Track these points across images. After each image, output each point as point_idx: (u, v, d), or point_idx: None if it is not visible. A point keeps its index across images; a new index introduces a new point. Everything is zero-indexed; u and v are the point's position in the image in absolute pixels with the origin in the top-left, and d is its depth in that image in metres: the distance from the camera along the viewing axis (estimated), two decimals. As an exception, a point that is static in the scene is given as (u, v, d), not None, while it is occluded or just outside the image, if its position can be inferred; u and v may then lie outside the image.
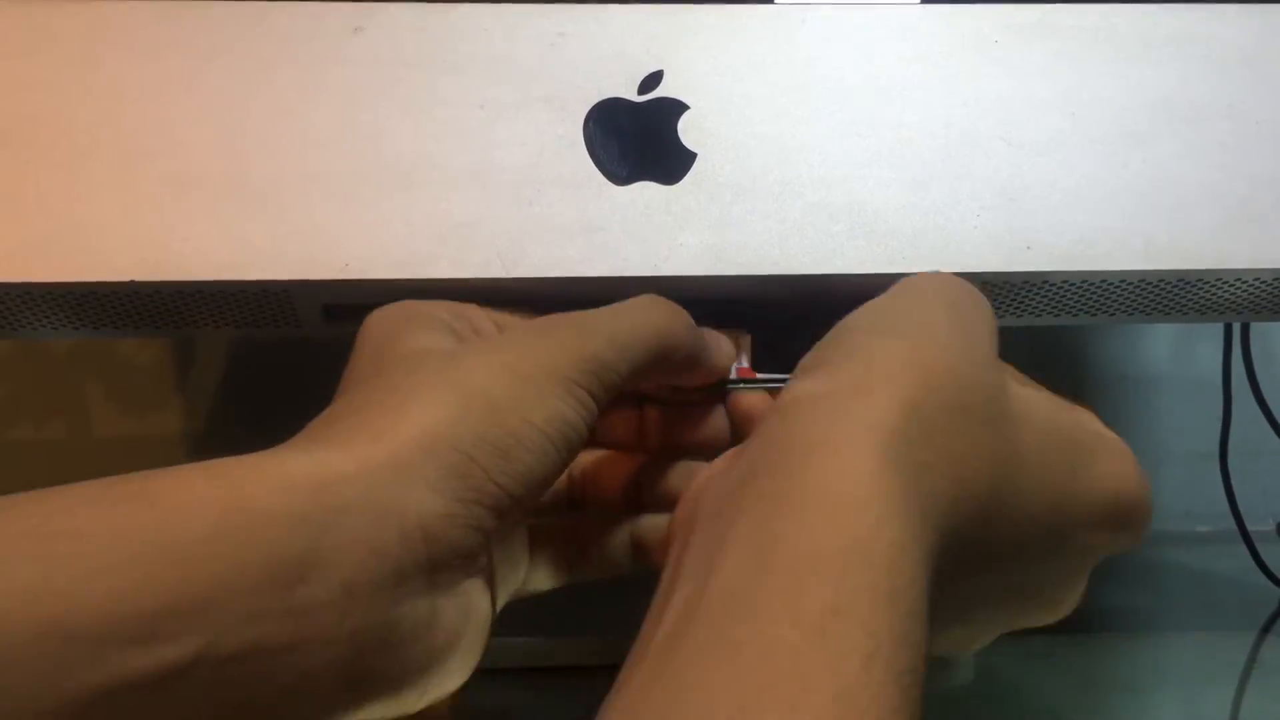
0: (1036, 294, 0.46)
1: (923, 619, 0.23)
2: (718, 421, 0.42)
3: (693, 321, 0.40)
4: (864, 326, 0.32)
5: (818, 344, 0.32)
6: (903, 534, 0.24)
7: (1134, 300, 0.47)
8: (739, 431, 0.42)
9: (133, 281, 0.42)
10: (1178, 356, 0.91)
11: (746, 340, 0.44)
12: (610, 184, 0.44)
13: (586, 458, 0.42)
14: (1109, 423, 0.37)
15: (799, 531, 0.24)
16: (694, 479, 0.31)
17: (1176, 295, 0.47)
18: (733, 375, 0.43)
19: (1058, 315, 0.49)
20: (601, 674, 0.47)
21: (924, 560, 0.25)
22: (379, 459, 0.29)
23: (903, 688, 0.22)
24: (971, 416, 0.29)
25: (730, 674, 0.21)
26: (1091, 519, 0.33)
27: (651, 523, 0.40)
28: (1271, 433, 0.70)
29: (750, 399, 0.42)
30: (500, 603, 0.35)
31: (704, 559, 0.24)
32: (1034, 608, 0.36)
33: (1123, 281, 0.45)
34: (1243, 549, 0.70)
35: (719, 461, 0.31)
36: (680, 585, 0.24)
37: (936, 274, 0.37)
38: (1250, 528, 0.71)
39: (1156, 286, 0.46)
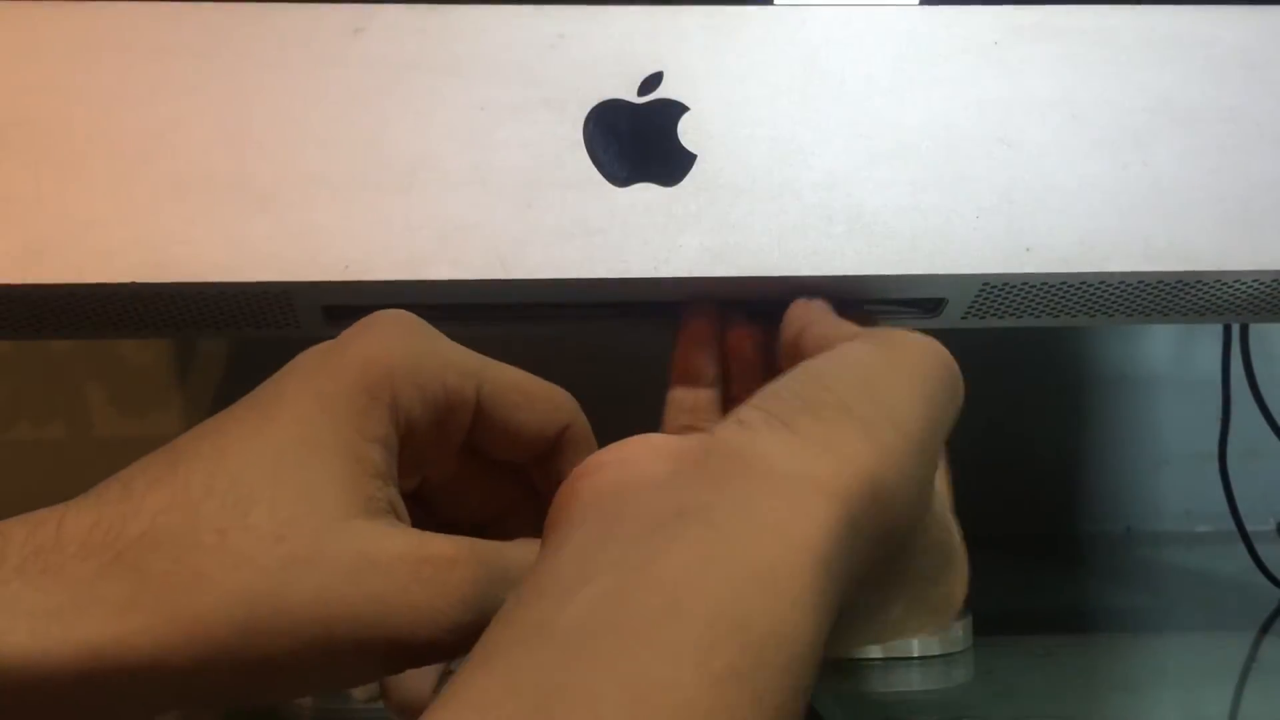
0: (1036, 295, 0.46)
1: (807, 696, 0.24)
2: None
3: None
4: (839, 396, 0.31)
5: (787, 383, 0.31)
6: (814, 634, 0.25)
7: (1133, 301, 0.47)
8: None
9: (133, 283, 0.42)
10: (1177, 357, 0.91)
11: None
12: (610, 185, 0.44)
13: None
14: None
15: (730, 599, 0.24)
16: (611, 457, 0.30)
17: (1176, 296, 0.47)
18: None
19: (1057, 316, 0.49)
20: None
21: (820, 651, 0.25)
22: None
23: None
24: (892, 540, 0.30)
25: (629, 692, 0.21)
26: (922, 610, 0.35)
27: None
28: (1270, 433, 0.70)
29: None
30: None
31: (627, 572, 0.24)
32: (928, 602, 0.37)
33: (1122, 283, 0.45)
34: (1242, 549, 0.70)
35: (641, 449, 0.29)
36: (596, 581, 0.24)
37: (929, 345, 0.36)
38: (1249, 528, 0.71)
39: (1156, 288, 0.46)
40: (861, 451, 0.29)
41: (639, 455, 0.29)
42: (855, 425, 0.30)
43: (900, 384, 0.32)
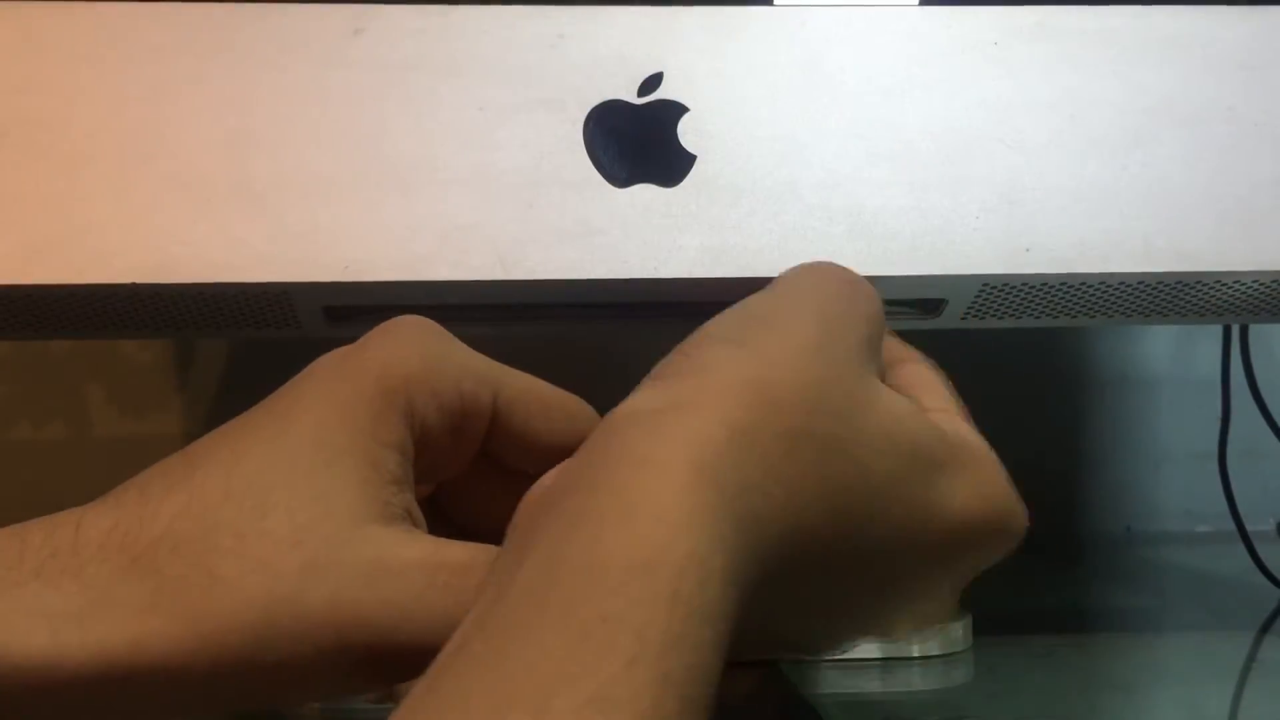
0: (1036, 296, 0.46)
1: (716, 625, 0.23)
2: None
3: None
4: (716, 335, 0.31)
5: (673, 350, 0.31)
6: (702, 546, 0.24)
7: (1133, 302, 0.47)
8: None
9: (133, 284, 0.42)
10: (1177, 357, 0.91)
11: None
12: (610, 186, 0.44)
13: None
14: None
15: (590, 545, 0.23)
16: (538, 482, 0.30)
17: (1175, 297, 0.47)
18: None
19: (1057, 317, 0.49)
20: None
21: (727, 568, 0.24)
22: None
23: (671, 686, 0.21)
24: (812, 442, 0.29)
25: (488, 683, 0.21)
26: (953, 537, 0.33)
27: None
28: (1270, 433, 0.70)
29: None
30: None
31: (503, 575, 0.24)
32: (899, 618, 0.35)
33: (1122, 283, 0.45)
34: (1242, 549, 0.70)
35: (548, 475, 0.29)
36: (482, 600, 0.24)
37: (816, 267, 0.35)
38: (1250, 528, 0.71)
39: (1155, 288, 0.46)
40: (732, 363, 0.29)
41: (556, 467, 0.29)
42: (725, 345, 0.30)
43: (780, 302, 0.33)
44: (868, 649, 0.50)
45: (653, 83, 0.45)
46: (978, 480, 0.33)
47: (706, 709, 0.22)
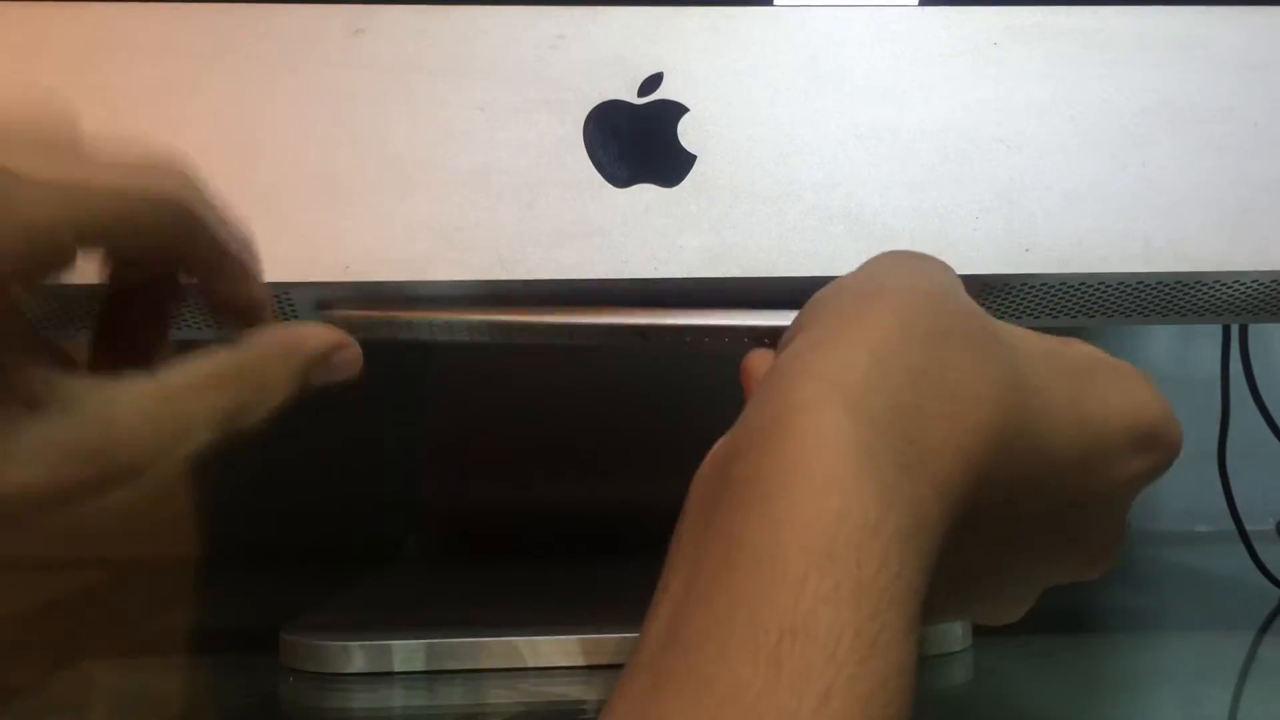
0: (1035, 295, 0.46)
1: (900, 602, 0.22)
2: None
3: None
4: (836, 286, 0.31)
5: (802, 308, 0.31)
6: (872, 510, 0.23)
7: (1132, 302, 0.47)
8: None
9: (134, 284, 0.42)
10: (1177, 356, 0.91)
11: None
12: (610, 186, 0.44)
13: None
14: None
15: (764, 528, 0.23)
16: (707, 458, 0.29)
17: (1174, 297, 0.47)
18: None
19: (1056, 316, 0.49)
20: (583, 674, 0.48)
21: (901, 528, 0.23)
22: None
23: (863, 707, 0.21)
24: (958, 341, 0.28)
25: (692, 715, 0.21)
26: (1118, 443, 0.31)
27: None
28: (1270, 433, 0.70)
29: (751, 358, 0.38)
30: None
31: (691, 556, 0.24)
32: (1077, 556, 0.34)
33: (1121, 283, 0.45)
34: (1242, 549, 0.70)
35: (722, 440, 0.28)
36: (671, 580, 0.24)
37: (905, 250, 0.35)
38: (1249, 527, 0.70)
39: (1154, 288, 0.46)
40: (861, 298, 0.29)
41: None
42: (848, 292, 0.30)
43: (883, 262, 0.33)
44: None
45: (653, 83, 0.45)
46: (1130, 390, 0.32)
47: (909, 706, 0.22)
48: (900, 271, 0.31)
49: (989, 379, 0.27)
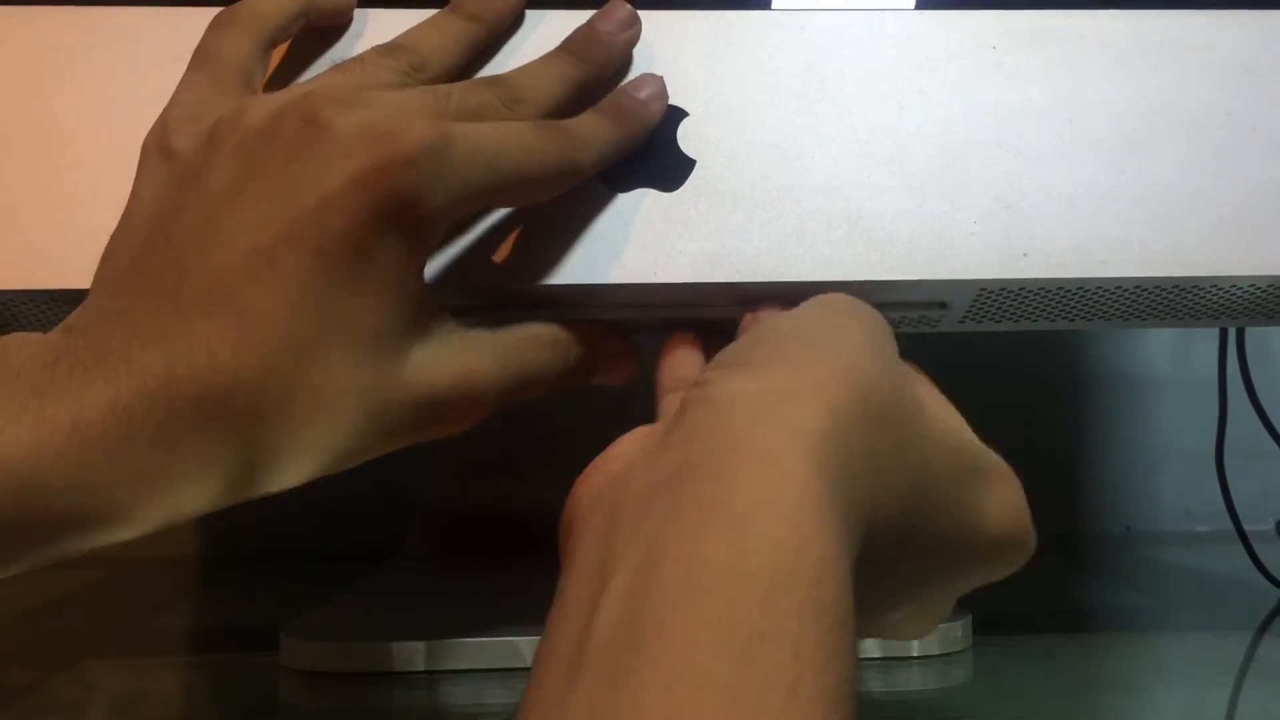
0: (1033, 300, 0.47)
1: (850, 626, 0.24)
2: None
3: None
4: (786, 331, 0.32)
5: (737, 341, 0.32)
6: (831, 548, 0.24)
7: (1129, 306, 0.47)
8: None
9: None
10: (1176, 357, 0.91)
11: None
12: (609, 190, 0.44)
13: None
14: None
15: (730, 548, 0.24)
16: (602, 458, 0.30)
17: (1172, 301, 0.47)
18: None
19: (1054, 320, 0.49)
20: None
21: (849, 569, 0.25)
22: None
23: (829, 703, 0.22)
24: (892, 430, 0.30)
25: (666, 705, 0.21)
26: (982, 546, 0.34)
27: None
28: (1267, 434, 0.70)
29: (670, 359, 0.44)
30: None
31: (638, 560, 0.24)
32: (913, 623, 0.37)
33: (1119, 288, 0.45)
34: (1241, 549, 0.70)
35: (629, 443, 0.30)
36: (613, 582, 0.24)
37: (840, 295, 0.36)
38: (1248, 527, 0.71)
39: (1152, 293, 0.46)
40: (819, 354, 0.30)
41: (627, 444, 0.30)
42: (800, 341, 0.31)
43: (824, 313, 0.34)
44: (868, 649, 0.50)
45: (653, 87, 0.45)
46: (1008, 495, 0.35)
47: (855, 712, 0.23)
48: (845, 331, 0.32)
49: (907, 471, 0.30)
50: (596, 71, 0.44)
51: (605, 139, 0.42)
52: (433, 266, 0.42)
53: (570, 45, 0.44)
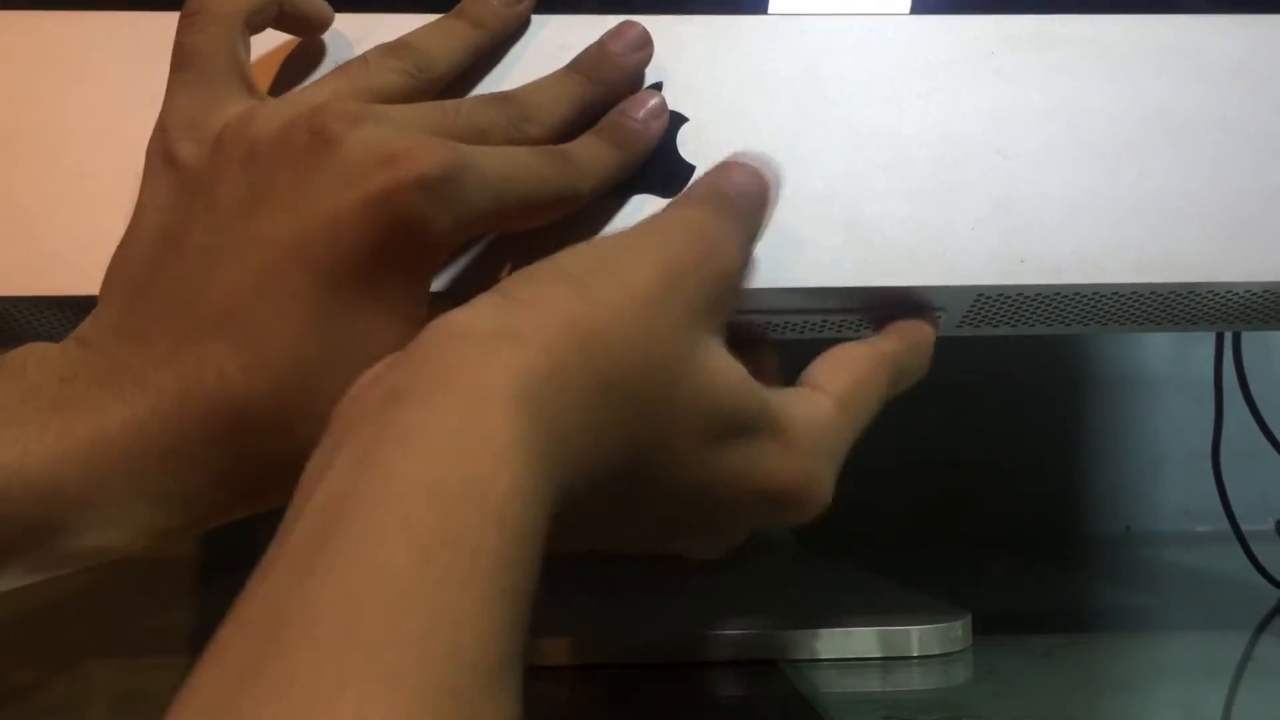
0: (1030, 305, 0.47)
1: (533, 541, 0.25)
2: None
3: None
4: (562, 267, 0.32)
5: (518, 271, 0.32)
6: (522, 476, 0.25)
7: (1126, 311, 0.47)
8: None
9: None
10: (1175, 358, 0.92)
11: None
12: (610, 196, 0.44)
13: None
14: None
15: (426, 465, 0.25)
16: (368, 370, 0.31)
17: (1169, 306, 0.47)
18: None
19: (1051, 325, 0.49)
20: (581, 673, 0.48)
21: (544, 497, 0.26)
22: None
23: (501, 603, 0.23)
24: (624, 397, 0.30)
25: (341, 593, 0.22)
26: (746, 496, 0.35)
27: None
28: (1263, 435, 0.70)
29: None
30: None
31: (342, 474, 0.25)
32: (695, 544, 0.38)
33: (1115, 294, 0.45)
34: (1239, 549, 0.70)
35: (380, 365, 0.30)
36: (319, 488, 0.25)
37: (678, 214, 0.36)
38: (1247, 528, 0.71)
39: (1149, 298, 0.46)
40: (567, 302, 0.30)
41: (383, 362, 0.30)
42: (566, 282, 0.31)
43: (635, 249, 0.34)
44: (868, 649, 0.50)
45: (651, 92, 0.45)
46: (783, 453, 0.36)
47: (527, 625, 0.24)
48: (631, 284, 0.32)
49: (636, 436, 0.31)
50: (606, 92, 0.44)
51: (606, 164, 0.42)
52: (439, 282, 0.42)
53: (581, 65, 0.44)
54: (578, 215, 0.43)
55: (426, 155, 0.35)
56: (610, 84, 0.44)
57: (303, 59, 0.45)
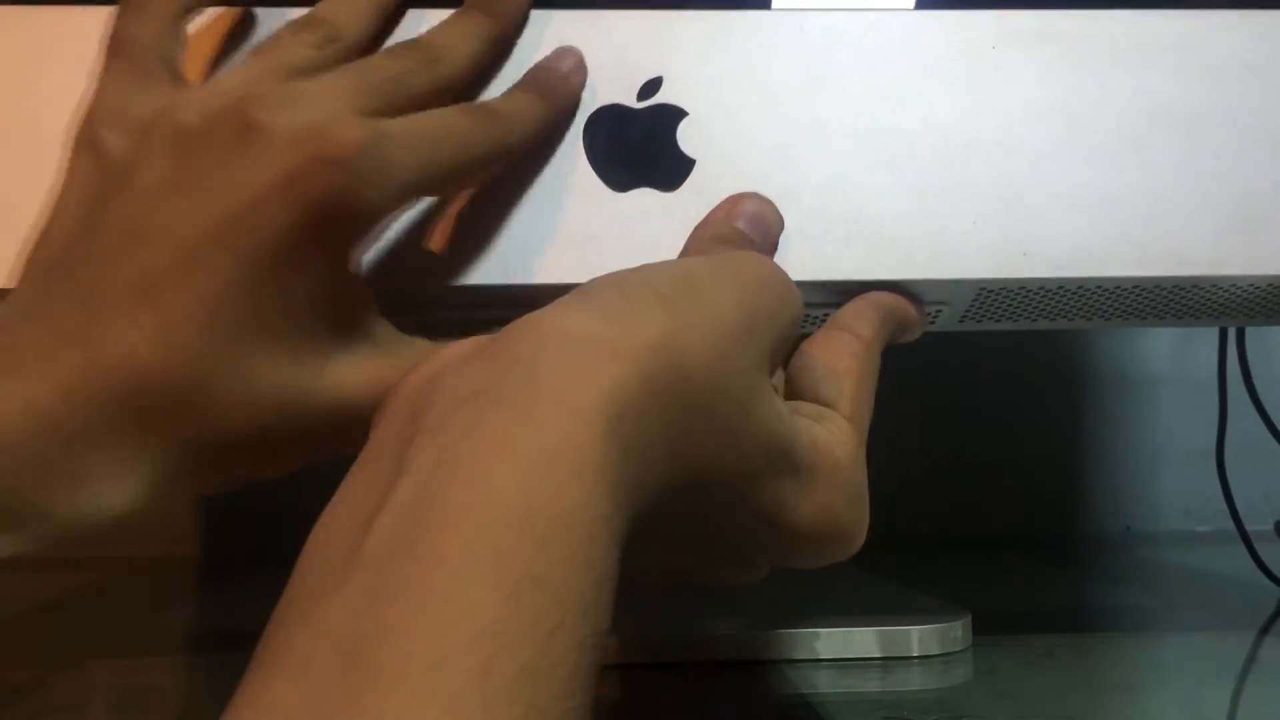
0: (1033, 299, 0.47)
1: (610, 583, 0.25)
2: None
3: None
4: (653, 284, 0.32)
5: (606, 277, 0.32)
6: (607, 508, 0.25)
7: (1129, 305, 0.47)
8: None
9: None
10: (1177, 356, 0.91)
11: None
12: (609, 190, 0.44)
13: None
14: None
15: (517, 488, 0.24)
16: (432, 358, 0.30)
17: (1172, 300, 0.47)
18: None
19: (1054, 320, 0.49)
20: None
21: (621, 531, 0.26)
22: None
23: (581, 651, 0.23)
24: (707, 422, 0.30)
25: (431, 626, 0.21)
26: (787, 537, 0.35)
27: None
28: (1268, 433, 0.70)
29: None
30: None
31: (429, 473, 0.25)
32: (728, 574, 0.38)
33: (1118, 288, 0.45)
34: (1242, 548, 0.70)
35: (459, 348, 0.30)
36: (400, 487, 0.25)
37: (758, 258, 0.36)
38: (1249, 527, 0.71)
39: (1152, 292, 0.46)
40: (659, 318, 0.29)
41: (455, 348, 0.30)
42: (658, 298, 0.30)
43: (719, 281, 0.33)
44: (868, 649, 0.50)
45: (652, 87, 0.45)
46: (827, 494, 0.35)
47: (598, 671, 0.24)
48: (716, 308, 0.32)
49: (705, 462, 0.31)
50: (505, 24, 0.44)
51: (533, 115, 0.42)
52: (437, 266, 0.42)
53: (473, 2, 0.44)
54: (578, 212, 0.43)
55: (346, 131, 0.35)
56: (507, 16, 0.44)
57: (228, 38, 0.45)
